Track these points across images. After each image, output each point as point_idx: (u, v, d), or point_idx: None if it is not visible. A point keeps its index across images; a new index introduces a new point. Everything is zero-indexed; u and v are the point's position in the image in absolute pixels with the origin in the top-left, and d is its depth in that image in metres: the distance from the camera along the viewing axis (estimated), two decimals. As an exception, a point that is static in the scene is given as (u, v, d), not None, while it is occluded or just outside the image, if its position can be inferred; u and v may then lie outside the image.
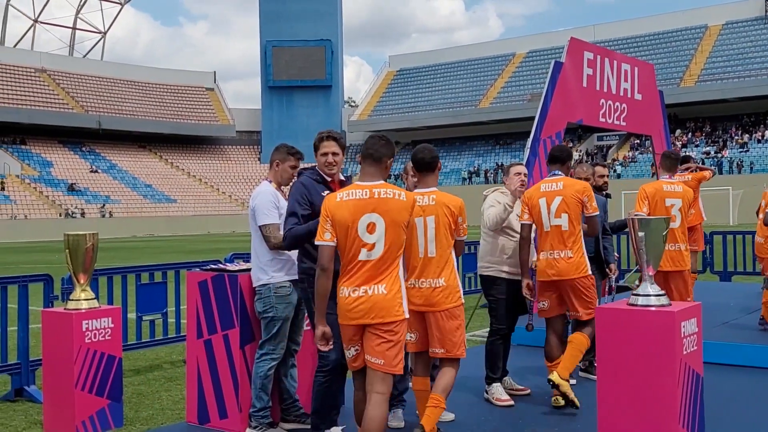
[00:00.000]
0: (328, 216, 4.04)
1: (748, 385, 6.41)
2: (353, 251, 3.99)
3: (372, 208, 4.00)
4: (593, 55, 10.24)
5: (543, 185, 5.86)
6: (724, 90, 53.68)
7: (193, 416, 5.51)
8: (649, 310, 4.23)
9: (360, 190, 4.06)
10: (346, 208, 4.02)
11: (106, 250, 29.71)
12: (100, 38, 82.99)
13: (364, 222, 3.98)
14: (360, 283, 3.98)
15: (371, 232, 3.98)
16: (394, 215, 4.00)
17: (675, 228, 6.54)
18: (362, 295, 3.97)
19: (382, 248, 3.98)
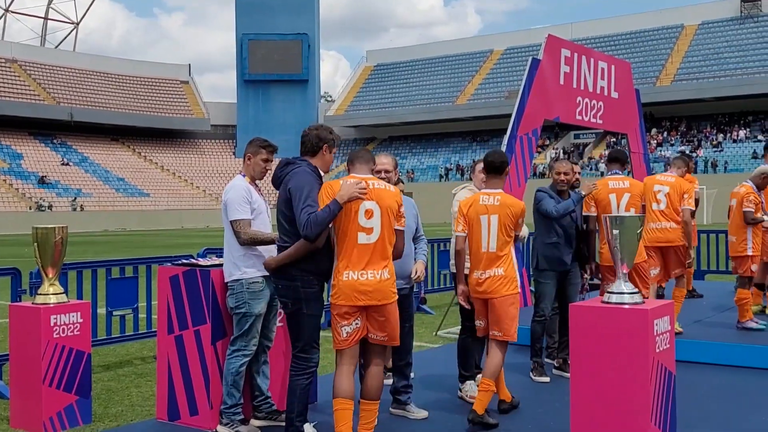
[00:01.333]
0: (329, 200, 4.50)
1: (720, 383, 6.45)
2: (352, 234, 4.47)
3: (369, 196, 4.50)
4: (570, 52, 10.26)
5: (611, 183, 6.88)
6: (700, 89, 54.26)
7: (163, 413, 5.43)
8: (622, 308, 4.23)
9: (360, 180, 4.58)
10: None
11: (78, 244, 29.39)
12: (72, 29, 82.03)
13: (363, 208, 4.48)
14: (363, 267, 4.44)
15: (369, 217, 4.48)
16: (387, 203, 4.54)
17: (661, 210, 7.46)
18: (374, 278, 4.44)
19: (379, 233, 4.48)
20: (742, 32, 58.24)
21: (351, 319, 4.48)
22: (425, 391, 6.08)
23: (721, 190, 41.21)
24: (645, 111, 16.02)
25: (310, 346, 4.66)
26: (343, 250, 4.48)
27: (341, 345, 4.52)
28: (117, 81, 71.07)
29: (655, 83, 56.15)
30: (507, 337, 5.31)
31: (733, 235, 8.28)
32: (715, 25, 60.35)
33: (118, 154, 66.22)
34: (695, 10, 61.84)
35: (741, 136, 52.70)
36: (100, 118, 65.84)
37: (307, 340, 4.65)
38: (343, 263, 4.46)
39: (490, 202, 5.30)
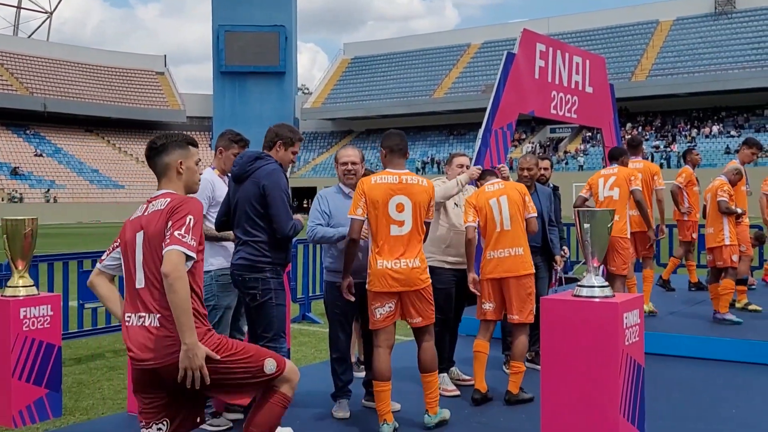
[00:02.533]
0: (363, 195, 4.87)
1: (689, 376, 6.54)
2: (384, 227, 4.85)
3: (400, 191, 4.86)
4: (545, 47, 10.29)
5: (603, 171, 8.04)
6: (674, 85, 54.75)
7: (134, 406, 5.38)
8: (593, 301, 4.27)
9: (391, 176, 4.92)
10: (378, 189, 4.86)
11: (51, 236, 29.08)
12: (46, 18, 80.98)
13: (393, 202, 4.85)
14: (396, 256, 4.81)
15: (400, 211, 4.83)
16: (418, 198, 4.87)
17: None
18: (405, 266, 4.81)
19: (410, 226, 4.86)
20: (716, 28, 58.83)
21: (384, 302, 4.87)
22: (398, 383, 6.08)
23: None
24: (620, 106, 16.14)
25: (279, 336, 4.73)
26: (377, 241, 4.87)
27: (376, 325, 4.94)
28: (91, 71, 70.28)
29: (630, 78, 56.57)
30: (524, 319, 5.60)
31: (710, 226, 8.36)
32: (690, 21, 60.91)
33: (92, 146, 65.55)
34: (670, 6, 62.36)
35: (714, 132, 53.28)
36: (74, 109, 65.11)
37: (277, 329, 4.72)
38: (378, 252, 4.86)
39: (494, 188, 5.73)
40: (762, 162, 45.29)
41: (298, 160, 67.75)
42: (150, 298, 3.28)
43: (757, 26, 57.24)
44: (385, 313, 4.89)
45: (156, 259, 3.26)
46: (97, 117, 67.03)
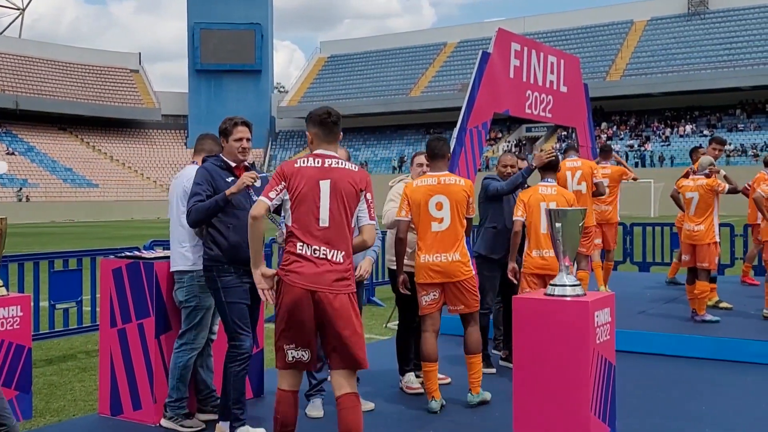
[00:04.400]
0: (406, 198, 5.45)
1: (659, 373, 6.60)
2: (425, 224, 5.35)
3: (439, 191, 5.35)
4: (520, 46, 10.34)
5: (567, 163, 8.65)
6: (649, 84, 55.22)
7: (106, 407, 5.35)
8: (564, 299, 4.30)
9: (431, 179, 5.45)
10: (419, 191, 5.41)
11: (23, 235, 28.74)
12: (18, 15, 79.89)
13: (433, 201, 5.34)
14: (436, 251, 5.31)
15: (439, 209, 5.32)
16: (456, 196, 5.34)
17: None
18: (445, 260, 5.30)
19: (449, 222, 5.30)
20: (690, 29, 59.44)
21: (429, 291, 5.41)
22: (372, 382, 6.10)
23: (669, 183, 42.09)
24: (595, 105, 16.26)
25: (237, 333, 4.72)
26: (420, 237, 5.41)
27: (423, 311, 5.47)
28: (65, 69, 69.48)
29: (605, 78, 56.99)
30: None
31: (701, 223, 8.26)
32: (664, 21, 61.47)
33: (65, 144, 64.81)
34: (644, 6, 62.88)
35: (688, 131, 53.83)
36: (47, 107, 64.29)
37: (232, 327, 4.73)
38: (421, 248, 5.39)
39: (548, 192, 6.23)
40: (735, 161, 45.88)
41: (274, 158, 67.50)
42: (335, 237, 3.90)
43: (729, 27, 57.92)
44: (430, 300, 5.43)
45: (344, 208, 3.94)
46: (70, 115, 66.26)
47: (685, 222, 8.44)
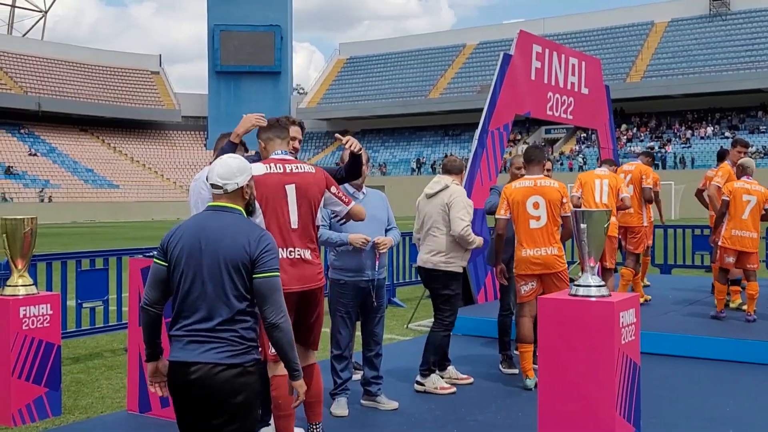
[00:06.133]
0: (505, 198, 6.08)
1: (682, 374, 6.59)
2: (524, 221, 5.95)
3: (535, 192, 5.96)
4: (542, 48, 10.36)
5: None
6: (669, 86, 54.84)
7: (134, 405, 5.43)
8: (590, 300, 4.32)
9: (528, 181, 6.05)
10: (518, 192, 6.01)
11: (46, 235, 29.05)
12: (40, 17, 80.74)
13: (530, 201, 5.94)
14: (535, 245, 5.90)
15: (536, 208, 5.91)
16: (551, 196, 5.93)
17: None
18: (544, 254, 5.89)
19: (546, 219, 5.90)
20: (711, 30, 58.98)
21: (528, 281, 6.00)
22: (396, 382, 6.14)
23: (689, 185, 41.71)
24: (615, 107, 16.22)
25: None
26: (520, 234, 6.01)
27: (522, 299, 6.06)
28: (86, 70, 70.10)
29: (625, 79, 56.67)
30: None
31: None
32: (685, 22, 61.04)
33: (86, 145, 65.38)
34: (665, 7, 62.47)
35: (709, 133, 53.41)
36: (69, 108, 64.89)
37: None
38: (521, 243, 5.99)
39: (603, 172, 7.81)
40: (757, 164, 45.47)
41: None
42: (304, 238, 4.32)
43: (751, 28, 57.40)
44: (528, 290, 6.01)
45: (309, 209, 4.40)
46: (91, 116, 66.81)
47: (735, 227, 8.22)
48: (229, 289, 3.14)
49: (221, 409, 3.14)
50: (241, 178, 3.30)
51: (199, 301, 3.16)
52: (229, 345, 3.12)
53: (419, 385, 6.02)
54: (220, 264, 3.14)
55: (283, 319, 3.15)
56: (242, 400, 3.13)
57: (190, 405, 3.19)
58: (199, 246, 3.18)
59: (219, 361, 3.09)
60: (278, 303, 3.15)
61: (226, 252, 3.14)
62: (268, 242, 3.21)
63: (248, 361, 3.15)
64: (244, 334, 3.15)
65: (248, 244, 3.15)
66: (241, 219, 3.28)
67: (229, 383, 3.10)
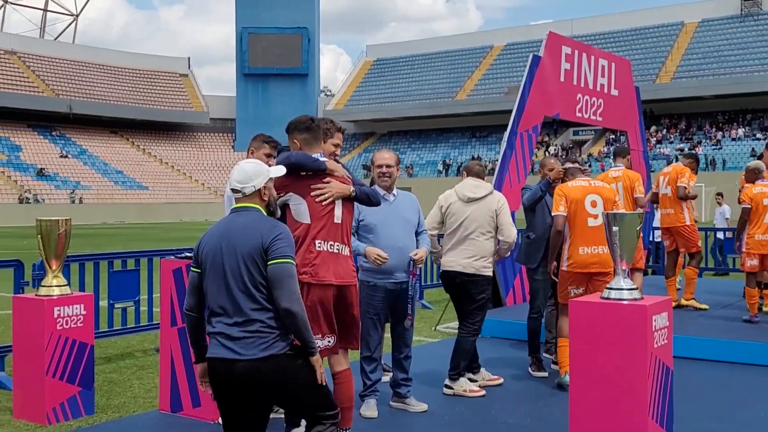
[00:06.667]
0: (563, 195, 6.12)
1: (716, 379, 6.52)
2: (582, 220, 6.04)
3: (592, 191, 6.11)
4: (571, 49, 10.30)
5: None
6: (700, 87, 54.25)
7: (166, 404, 5.48)
8: (622, 303, 4.28)
9: (583, 182, 6.22)
10: (576, 190, 6.13)
11: (77, 236, 29.32)
12: (72, 21, 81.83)
13: (588, 199, 6.06)
14: (593, 243, 5.98)
15: (594, 206, 6.02)
16: (606, 195, 6.12)
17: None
18: (601, 252, 5.93)
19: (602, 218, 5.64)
20: (742, 30, 58.22)
21: (579, 285, 6.05)
22: (424, 384, 6.14)
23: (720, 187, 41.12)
24: (645, 108, 16.09)
25: None
26: (576, 232, 6.05)
27: (565, 300, 5.98)
28: (116, 73, 70.92)
29: (655, 80, 56.15)
30: None
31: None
32: (716, 22, 60.33)
33: (116, 147, 66.13)
34: (696, 7, 61.80)
35: (740, 134, 52.73)
36: (99, 111, 65.67)
37: None
38: (578, 241, 6.03)
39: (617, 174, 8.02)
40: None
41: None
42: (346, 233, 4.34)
43: (783, 28, 56.63)
44: (579, 293, 5.96)
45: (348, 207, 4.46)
46: (121, 119, 67.59)
47: (758, 232, 8.25)
48: (249, 283, 3.30)
49: (264, 400, 3.37)
50: (258, 181, 3.48)
51: (225, 299, 3.34)
52: (259, 337, 3.28)
53: (448, 389, 6.01)
54: (239, 260, 3.32)
55: (297, 304, 3.30)
56: (284, 387, 3.33)
57: (230, 399, 3.37)
58: (220, 247, 3.39)
59: (253, 356, 3.26)
60: (291, 288, 3.29)
61: (243, 247, 3.33)
62: (281, 231, 3.37)
63: (281, 349, 3.30)
64: (271, 323, 3.31)
65: (262, 234, 3.33)
66: (259, 215, 3.46)
67: (266, 374, 3.27)
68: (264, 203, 3.51)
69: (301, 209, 4.18)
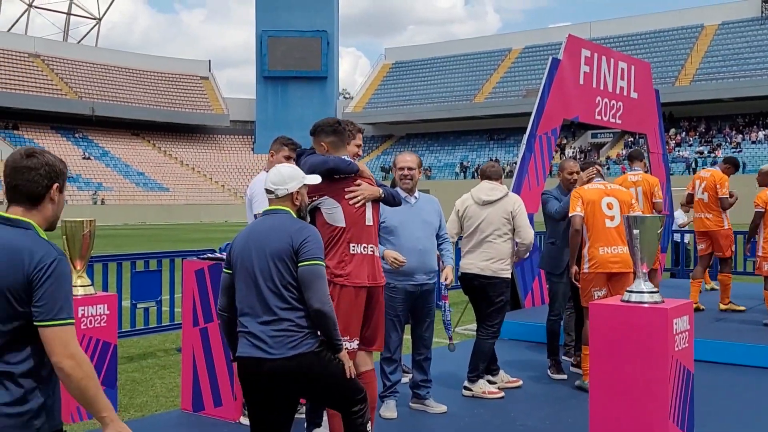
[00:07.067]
0: (579, 197, 6.17)
1: (737, 383, 6.48)
2: (600, 221, 6.07)
3: (608, 193, 6.18)
4: (590, 52, 10.29)
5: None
6: (719, 90, 53.80)
7: (188, 404, 5.54)
8: (642, 306, 4.28)
9: (599, 185, 6.27)
10: (592, 192, 6.20)
11: (98, 237, 29.55)
12: (95, 24, 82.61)
13: (604, 201, 6.11)
14: (612, 244, 6.02)
15: (610, 208, 6.09)
16: (622, 197, 6.18)
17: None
18: (621, 252, 5.95)
19: (619, 219, 6.01)
20: (763, 33, 57.67)
21: (601, 287, 6.04)
22: (443, 386, 6.16)
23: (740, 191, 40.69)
24: (664, 111, 16.02)
25: None
26: (595, 233, 6.08)
27: (586, 303, 5.88)
28: (138, 76, 71.51)
29: (674, 83, 55.77)
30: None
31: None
32: (736, 25, 59.83)
33: (138, 149, 66.66)
34: (715, 10, 61.30)
35: (760, 137, 52.24)
36: (121, 113, 66.26)
37: None
38: (597, 242, 6.06)
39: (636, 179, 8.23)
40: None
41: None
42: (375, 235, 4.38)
43: (806, 30, 56.08)
44: (602, 296, 5.97)
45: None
46: (143, 121, 68.15)
47: None
48: (279, 283, 3.37)
49: (291, 398, 3.48)
50: (292, 185, 3.54)
51: (254, 299, 3.41)
52: (288, 336, 3.35)
53: (467, 391, 6.03)
54: (268, 260, 3.38)
55: (328, 305, 3.37)
56: (313, 382, 3.41)
57: (259, 398, 3.45)
58: (249, 247, 3.45)
59: (282, 355, 3.33)
60: (321, 290, 3.36)
61: (272, 247, 3.39)
62: (310, 233, 3.43)
63: (310, 346, 3.37)
64: (300, 322, 3.38)
65: (291, 236, 3.38)
66: (288, 217, 3.51)
67: (295, 372, 3.35)
68: (295, 207, 3.57)
69: (337, 213, 4.19)
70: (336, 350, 3.45)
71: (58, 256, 2.51)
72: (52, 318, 2.46)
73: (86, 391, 2.48)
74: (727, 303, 9.09)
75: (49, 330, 2.46)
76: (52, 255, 2.49)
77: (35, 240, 2.52)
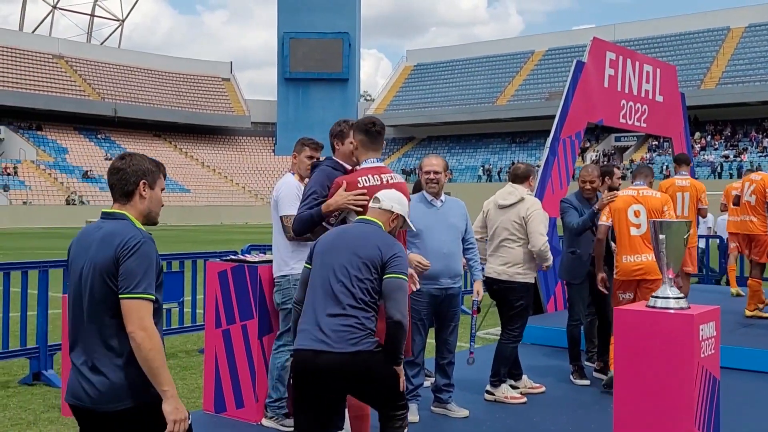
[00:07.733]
0: (609, 206, 6.21)
1: (764, 390, 6.40)
2: (626, 229, 6.09)
3: (636, 201, 6.13)
4: (615, 55, 10.22)
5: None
6: (745, 93, 53.22)
7: (210, 405, 5.55)
8: (668, 312, 4.23)
9: (631, 191, 6.23)
10: (620, 200, 6.18)
11: (121, 237, 29.80)
12: (118, 26, 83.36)
13: (632, 210, 6.10)
14: (637, 252, 6.03)
15: (637, 216, 6.05)
16: (651, 205, 6.10)
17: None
18: (644, 260, 5.96)
19: (646, 227, 5.99)
20: (791, 35, 57.04)
21: (626, 290, 6.11)
22: (465, 390, 6.13)
23: None
24: (689, 114, 15.85)
25: None
26: (621, 241, 6.13)
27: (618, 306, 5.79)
28: (160, 77, 72.04)
29: (699, 86, 55.25)
30: None
31: None
32: (762, 27, 59.16)
33: (160, 150, 67.09)
34: (742, 12, 60.68)
35: (787, 141, 51.64)
36: (143, 114, 66.78)
37: None
38: (622, 249, 6.11)
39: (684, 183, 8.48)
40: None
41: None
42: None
43: (833, 33, 55.34)
44: (625, 300, 6.06)
45: None
46: (165, 122, 68.61)
47: None
48: (355, 281, 3.56)
49: (341, 394, 3.66)
50: (397, 207, 3.87)
51: (326, 293, 3.59)
52: (351, 332, 3.50)
53: (489, 395, 6.00)
54: (351, 259, 3.58)
55: (406, 318, 3.57)
56: (366, 382, 3.55)
57: (310, 393, 3.58)
58: (335, 245, 3.67)
59: (342, 350, 3.47)
60: (403, 302, 3.56)
61: (362, 250, 3.63)
62: (399, 249, 3.71)
63: (369, 346, 3.52)
64: (365, 322, 3.54)
65: (380, 247, 3.64)
66: (380, 230, 3.80)
67: (350, 369, 3.48)
68: (390, 227, 3.84)
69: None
70: (396, 362, 3.59)
71: (144, 238, 2.85)
72: (131, 291, 2.77)
73: (153, 362, 2.79)
74: (753, 309, 8.99)
75: (127, 302, 2.77)
76: (138, 237, 2.85)
77: (127, 226, 2.91)
